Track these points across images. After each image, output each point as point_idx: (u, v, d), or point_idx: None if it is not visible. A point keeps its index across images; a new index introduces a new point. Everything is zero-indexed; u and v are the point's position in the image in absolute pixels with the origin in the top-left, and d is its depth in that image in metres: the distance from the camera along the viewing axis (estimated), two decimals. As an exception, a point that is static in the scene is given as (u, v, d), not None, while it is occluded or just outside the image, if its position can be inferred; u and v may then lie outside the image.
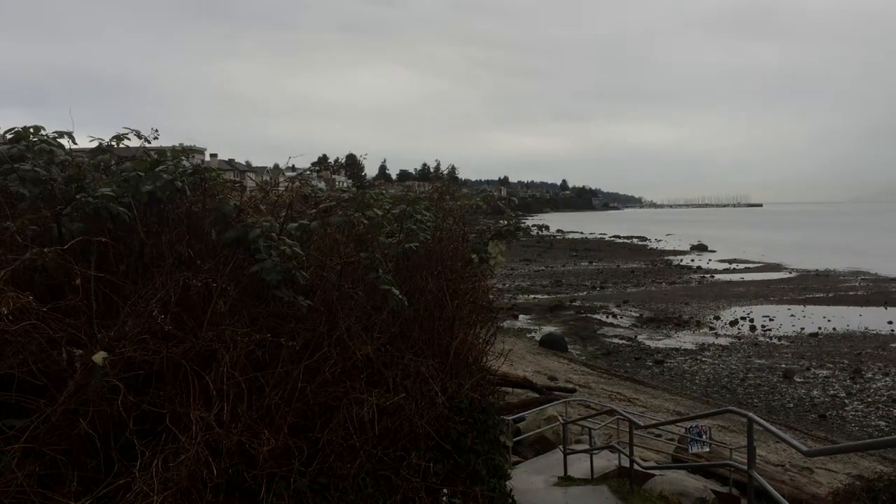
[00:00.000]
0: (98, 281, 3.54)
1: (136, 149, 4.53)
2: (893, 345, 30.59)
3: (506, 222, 7.01)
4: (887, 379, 25.02)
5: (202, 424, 3.36)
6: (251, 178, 6.74)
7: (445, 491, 4.65)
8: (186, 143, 4.98)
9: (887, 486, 6.94)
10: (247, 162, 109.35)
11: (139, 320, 3.50)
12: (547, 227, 7.72)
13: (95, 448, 3.26)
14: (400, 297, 4.30)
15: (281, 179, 7.06)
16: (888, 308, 40.15)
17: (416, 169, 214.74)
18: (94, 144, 4.39)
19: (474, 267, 6.41)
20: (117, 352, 3.32)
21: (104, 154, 4.38)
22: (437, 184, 7.51)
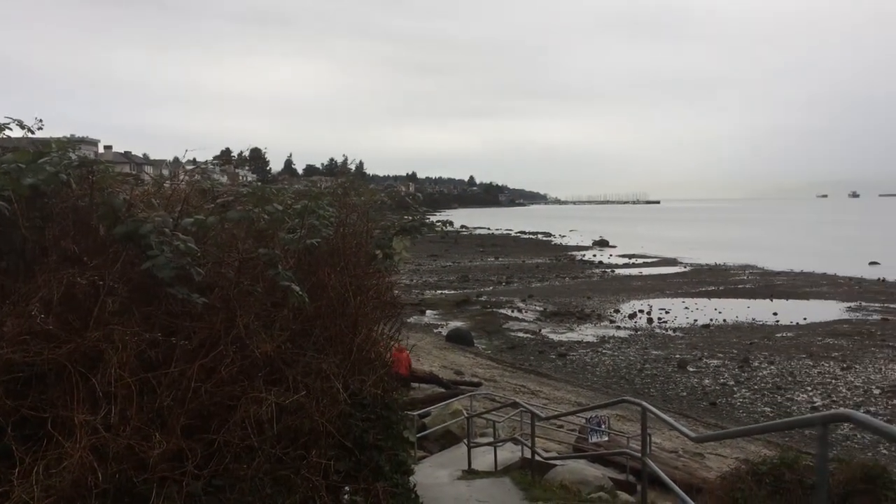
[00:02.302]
0: (-27, 279, 3.33)
1: (19, 139, 4.29)
2: (778, 335, 32.39)
3: (410, 218, 7.01)
4: (772, 367, 26.47)
5: (87, 428, 3.21)
6: (147, 174, 6.49)
7: (347, 489, 4.60)
8: (78, 135, 4.75)
9: (770, 469, 7.33)
10: (144, 154, 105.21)
11: (19, 320, 3.31)
12: (451, 223, 7.77)
13: (-31, 456, 3.07)
14: (300, 293, 4.23)
15: (181, 173, 6.83)
16: (773, 300, 42.52)
17: (322, 164, 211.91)
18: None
19: (379, 263, 6.38)
20: (-6, 354, 3.13)
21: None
22: (341, 179, 7.44)
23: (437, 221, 7.19)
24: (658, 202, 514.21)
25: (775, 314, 37.51)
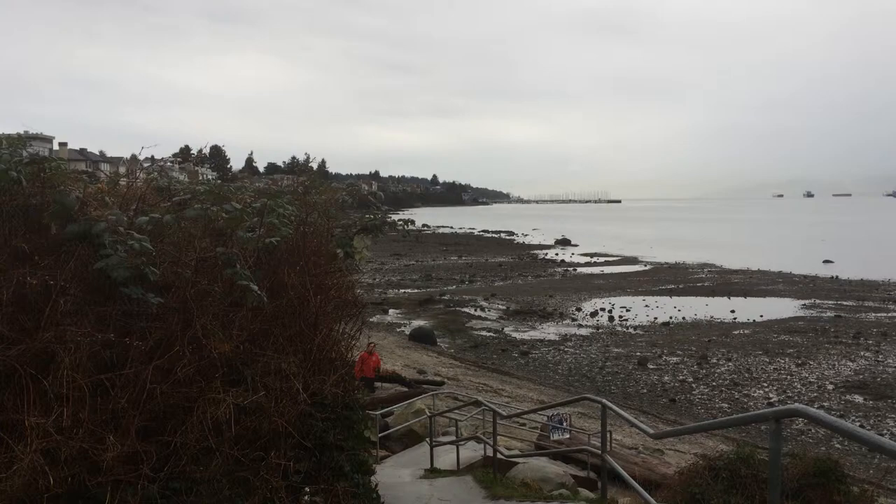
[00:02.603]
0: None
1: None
2: (735, 332, 32.99)
3: (372, 217, 6.99)
4: (729, 364, 26.96)
5: (39, 431, 3.14)
6: (103, 171, 6.37)
7: (307, 489, 4.57)
8: (32, 131, 4.64)
9: (727, 464, 7.46)
10: (100, 152, 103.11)
11: (-33, 321, 3.22)
12: (412, 222, 7.77)
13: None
14: (258, 293, 4.19)
15: (138, 171, 6.72)
16: (731, 298, 43.30)
17: (284, 162, 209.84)
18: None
19: (340, 262, 6.35)
20: (-60, 356, 3.04)
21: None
22: (302, 178, 7.39)
23: (399, 220, 7.18)
24: (619, 201, 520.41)
25: (733, 312, 38.20)
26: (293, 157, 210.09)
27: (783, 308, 39.56)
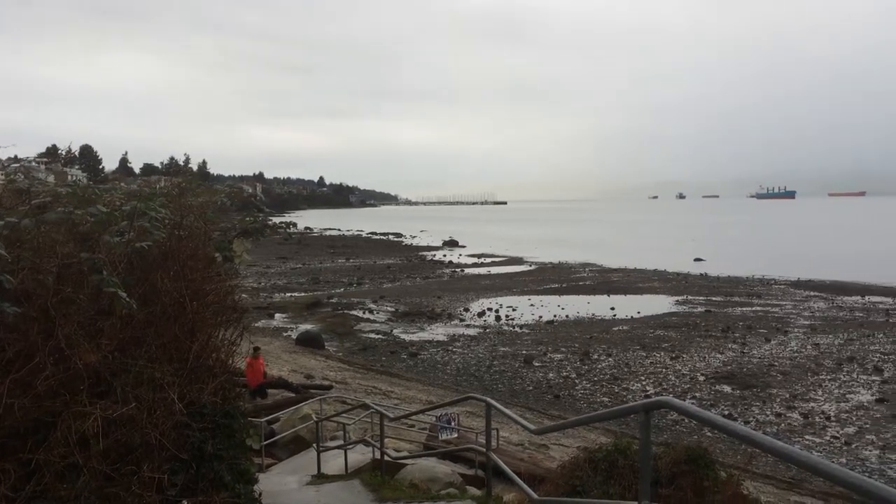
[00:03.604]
0: None
1: None
2: (615, 328, 34.34)
3: (252, 219, 6.83)
4: (610, 359, 28.03)
5: None
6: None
7: (184, 502, 4.41)
8: None
9: (605, 455, 7.74)
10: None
11: None
12: (294, 225, 7.64)
13: None
14: (128, 300, 4.00)
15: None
16: (611, 296, 45.07)
17: (162, 162, 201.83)
18: None
19: (218, 266, 6.16)
20: None
21: None
22: (178, 179, 7.12)
23: (281, 223, 7.04)
24: (505, 203, 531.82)
25: (613, 309, 39.75)
26: (171, 158, 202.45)
27: (659, 304, 41.51)
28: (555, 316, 38.04)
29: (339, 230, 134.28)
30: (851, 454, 17.79)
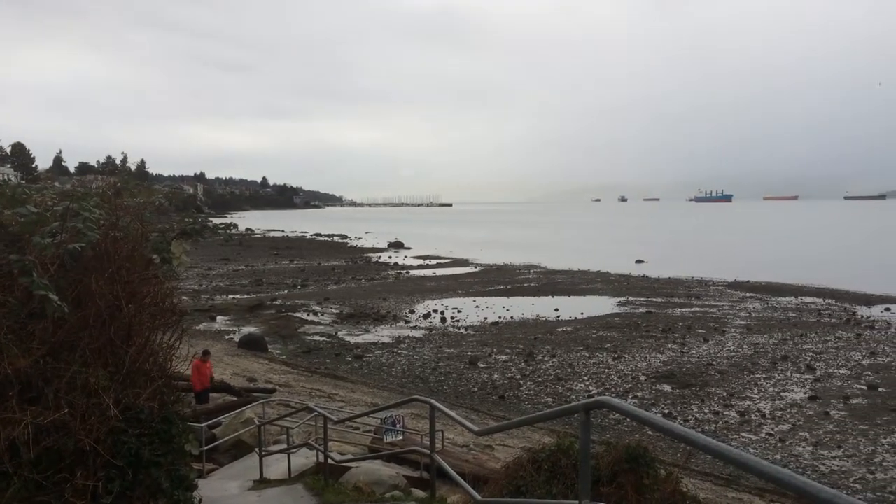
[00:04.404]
0: None
1: None
2: (559, 329, 34.74)
3: (191, 220, 6.68)
4: (554, 360, 28.35)
5: None
6: None
7: (120, 510, 4.30)
8: None
9: (548, 455, 7.82)
10: None
11: None
12: (235, 226, 7.51)
13: None
14: (59, 303, 3.88)
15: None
16: (555, 297, 45.63)
17: (99, 161, 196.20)
18: None
19: (156, 268, 6.02)
20: None
21: None
22: (114, 178, 6.94)
23: (221, 224, 6.91)
24: (450, 205, 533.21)
25: (557, 310, 40.23)
26: (108, 157, 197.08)
27: (601, 305, 42.17)
28: (500, 317, 38.29)
29: (283, 231, 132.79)
30: (786, 451, 18.36)
